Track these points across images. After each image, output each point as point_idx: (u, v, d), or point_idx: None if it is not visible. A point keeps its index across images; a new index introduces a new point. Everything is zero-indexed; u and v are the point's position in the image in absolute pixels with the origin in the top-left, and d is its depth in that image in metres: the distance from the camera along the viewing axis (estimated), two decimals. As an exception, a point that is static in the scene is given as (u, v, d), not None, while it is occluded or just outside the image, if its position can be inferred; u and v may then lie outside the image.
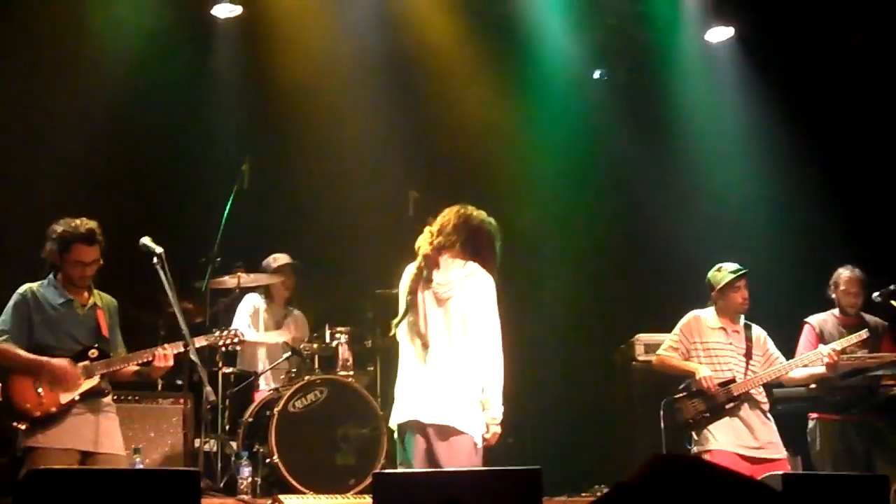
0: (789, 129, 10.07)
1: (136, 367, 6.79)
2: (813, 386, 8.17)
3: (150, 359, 6.67)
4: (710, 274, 7.80)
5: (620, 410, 8.89)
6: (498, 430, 6.33)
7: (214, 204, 8.66)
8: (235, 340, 7.22)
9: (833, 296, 8.46)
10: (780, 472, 6.16)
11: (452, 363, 6.29)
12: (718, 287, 7.71)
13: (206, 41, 10.13)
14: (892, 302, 8.10)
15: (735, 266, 7.75)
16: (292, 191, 10.10)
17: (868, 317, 8.39)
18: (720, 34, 10.40)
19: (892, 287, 8.12)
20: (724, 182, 10.37)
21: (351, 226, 10.04)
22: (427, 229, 6.59)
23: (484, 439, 6.27)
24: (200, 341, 7.00)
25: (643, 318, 9.40)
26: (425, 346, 6.34)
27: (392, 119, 10.33)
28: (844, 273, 8.44)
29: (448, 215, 6.56)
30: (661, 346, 7.90)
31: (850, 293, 8.38)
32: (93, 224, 6.62)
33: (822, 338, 8.25)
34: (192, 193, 9.50)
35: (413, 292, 6.47)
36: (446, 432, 6.20)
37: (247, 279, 8.80)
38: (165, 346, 6.71)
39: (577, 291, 8.71)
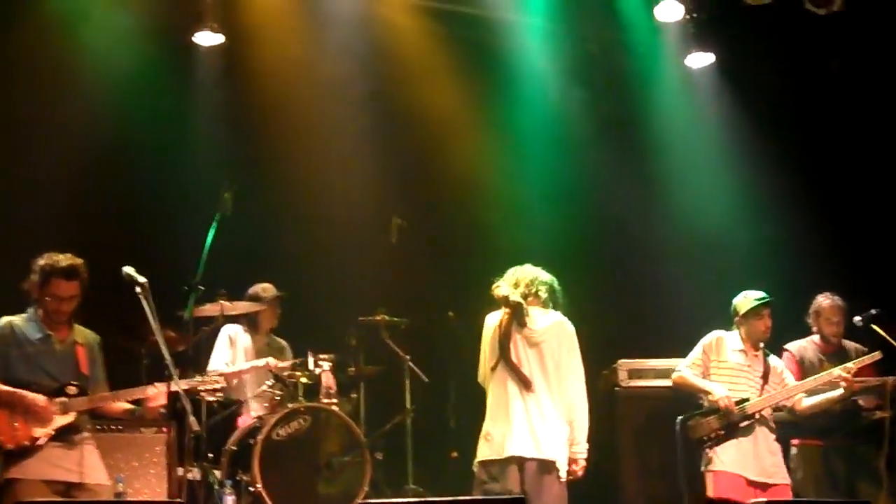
0: (770, 153, 10.11)
1: (128, 406, 6.77)
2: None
3: (141, 397, 6.65)
4: (736, 301, 7.85)
5: (604, 437, 8.86)
6: (584, 463, 7.11)
7: (196, 232, 8.63)
8: (217, 386, 7.21)
9: (812, 324, 8.47)
10: (766, 501, 6.19)
11: (548, 403, 7.02)
12: (742, 313, 7.77)
13: (188, 70, 10.11)
14: (874, 326, 8.10)
15: (760, 294, 7.81)
16: (275, 219, 10.07)
17: (847, 343, 8.40)
18: (700, 60, 10.41)
19: (872, 311, 8.13)
20: (707, 205, 10.39)
21: (334, 253, 10.02)
22: (502, 283, 7.28)
23: (572, 472, 7.04)
24: (182, 385, 6.98)
25: (626, 343, 9.42)
26: (526, 385, 7.02)
27: (375, 146, 10.34)
28: (825, 302, 8.44)
29: (521, 272, 7.33)
30: (683, 363, 7.91)
31: (832, 322, 8.39)
32: (77, 261, 6.60)
33: (802, 365, 8.27)
34: (174, 221, 9.46)
35: (507, 336, 7.10)
36: (544, 467, 6.92)
37: (230, 307, 8.77)
38: (156, 384, 6.68)
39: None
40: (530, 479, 6.86)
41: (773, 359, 7.87)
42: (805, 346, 8.43)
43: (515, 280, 7.29)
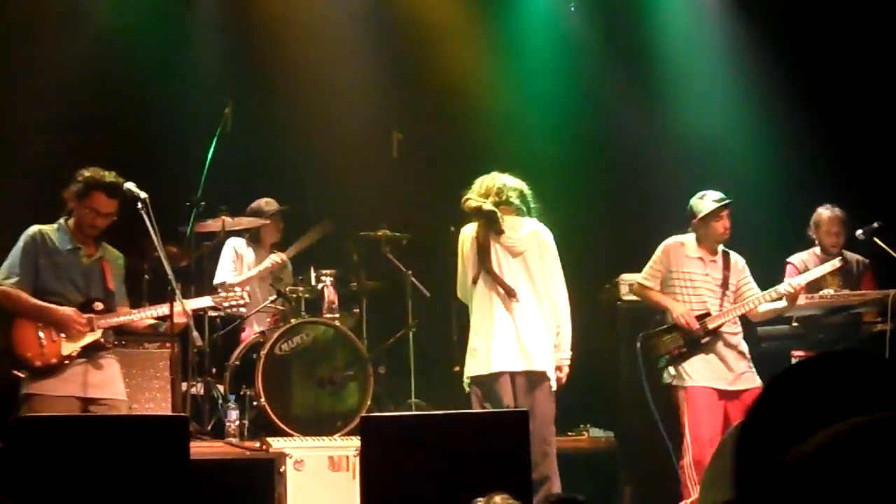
0: (773, 69, 10.03)
1: (152, 322, 6.76)
2: (796, 324, 8.20)
3: (165, 314, 6.63)
4: (693, 201, 7.67)
5: (605, 351, 8.91)
6: (568, 371, 6.99)
7: (198, 147, 8.61)
8: (241, 302, 7.18)
9: (813, 235, 8.47)
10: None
11: (536, 312, 6.88)
12: (700, 215, 7.59)
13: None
14: (876, 239, 8.09)
15: (719, 195, 7.63)
16: (275, 133, 10.04)
17: (849, 254, 8.40)
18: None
19: (875, 224, 8.12)
20: (709, 118, 10.33)
21: (334, 168, 10.00)
22: (471, 194, 7.13)
23: (557, 379, 6.92)
24: (205, 301, 7.01)
25: (627, 257, 9.40)
26: (511, 295, 6.86)
27: (374, 60, 10.28)
28: (825, 213, 8.44)
29: (488, 181, 7.16)
30: (642, 272, 7.84)
31: (831, 233, 8.39)
32: (122, 180, 6.58)
33: (804, 277, 8.28)
34: (175, 137, 9.44)
35: (485, 247, 6.94)
36: (534, 377, 6.80)
37: (231, 222, 8.77)
38: (183, 300, 6.69)
39: (560, 231, 8.75)
40: (522, 392, 6.77)
41: (732, 256, 7.70)
42: (807, 259, 8.43)
43: (485, 189, 7.11)
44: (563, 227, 9.60)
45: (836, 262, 7.82)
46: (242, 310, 7.33)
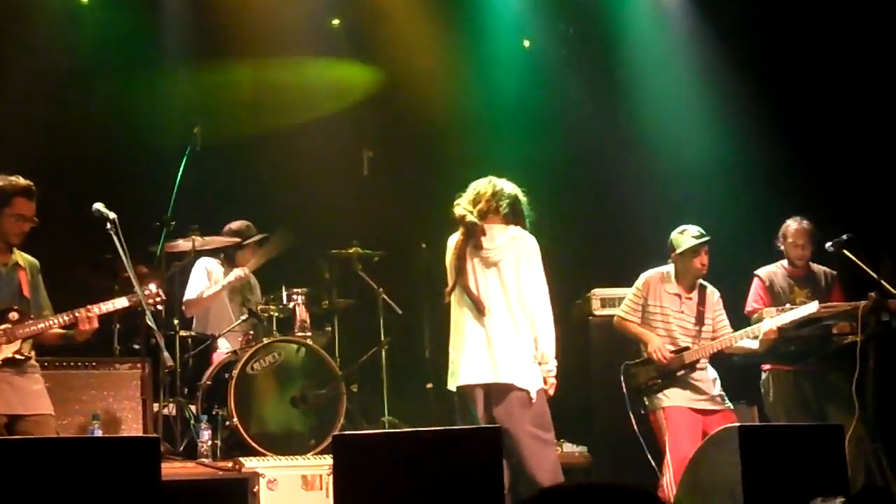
0: (743, 80, 10.06)
1: (61, 331, 6.63)
2: (766, 337, 8.22)
3: (73, 321, 6.52)
4: (673, 236, 7.80)
5: (577, 366, 8.91)
6: (554, 381, 6.79)
7: (167, 167, 8.60)
8: (157, 300, 7.08)
9: (781, 247, 8.51)
10: (737, 425, 6.25)
11: (508, 323, 6.70)
12: (679, 250, 7.73)
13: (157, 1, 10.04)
14: (845, 251, 8.11)
15: (698, 231, 7.74)
16: (246, 152, 10.03)
17: (816, 267, 8.44)
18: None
19: (844, 237, 8.13)
20: (678, 134, 10.37)
21: (305, 186, 9.99)
22: (460, 201, 6.90)
23: (544, 392, 6.72)
24: (121, 302, 6.82)
25: (599, 272, 9.44)
26: (480, 309, 6.71)
27: (345, 79, 10.28)
28: (792, 225, 8.47)
29: (482, 186, 6.91)
30: (621, 305, 7.96)
31: (797, 245, 8.42)
32: (30, 182, 6.50)
33: (771, 290, 8.32)
34: (144, 157, 9.42)
35: (461, 259, 6.79)
36: (507, 390, 6.61)
37: (202, 242, 8.75)
38: (90, 307, 6.57)
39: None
40: (497, 405, 6.60)
41: (709, 290, 7.85)
42: (774, 271, 8.46)
43: (475, 195, 6.86)
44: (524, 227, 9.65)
45: (812, 308, 7.81)
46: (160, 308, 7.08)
